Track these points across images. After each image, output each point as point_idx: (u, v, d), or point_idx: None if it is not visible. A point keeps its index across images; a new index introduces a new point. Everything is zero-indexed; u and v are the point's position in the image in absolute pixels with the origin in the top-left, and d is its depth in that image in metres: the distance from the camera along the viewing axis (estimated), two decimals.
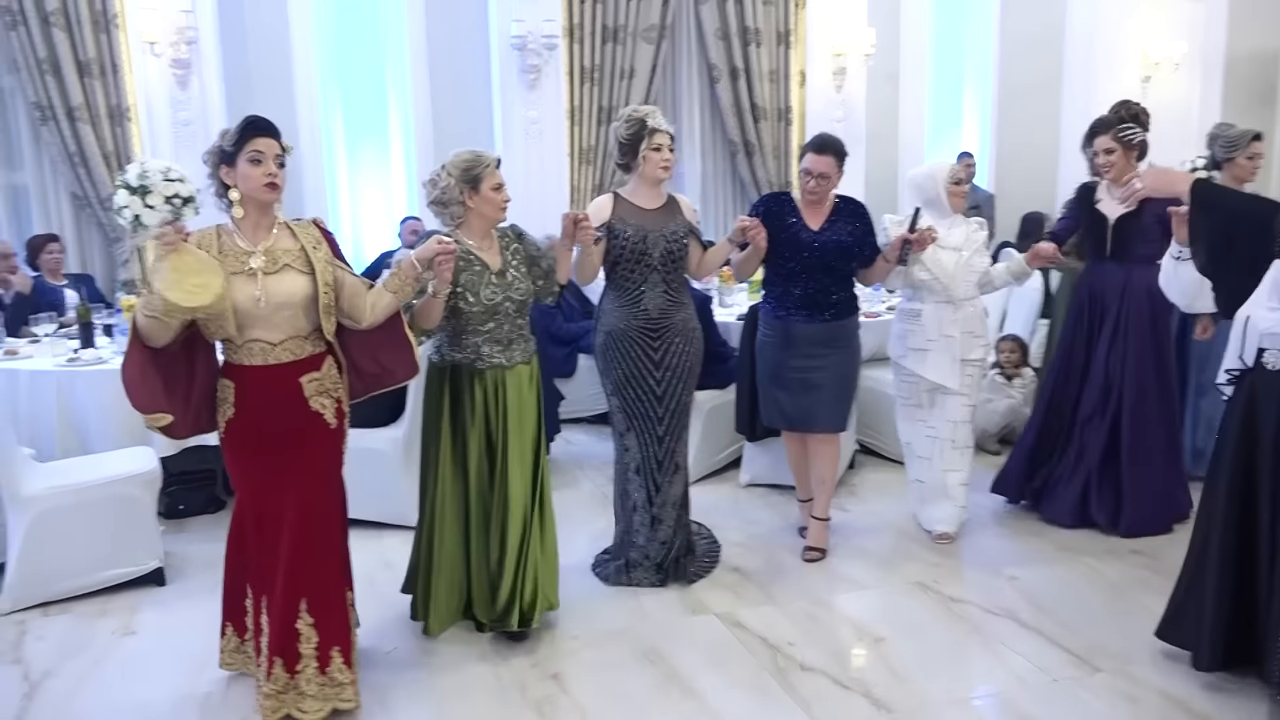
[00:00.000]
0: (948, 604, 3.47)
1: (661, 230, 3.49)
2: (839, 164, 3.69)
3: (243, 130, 2.58)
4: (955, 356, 3.87)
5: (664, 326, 3.52)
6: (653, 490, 3.61)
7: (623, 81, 7.19)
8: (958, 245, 3.89)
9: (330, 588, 2.76)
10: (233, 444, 2.70)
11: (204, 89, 6.34)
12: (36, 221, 6.35)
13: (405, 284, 2.80)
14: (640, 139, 3.46)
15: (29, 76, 6.08)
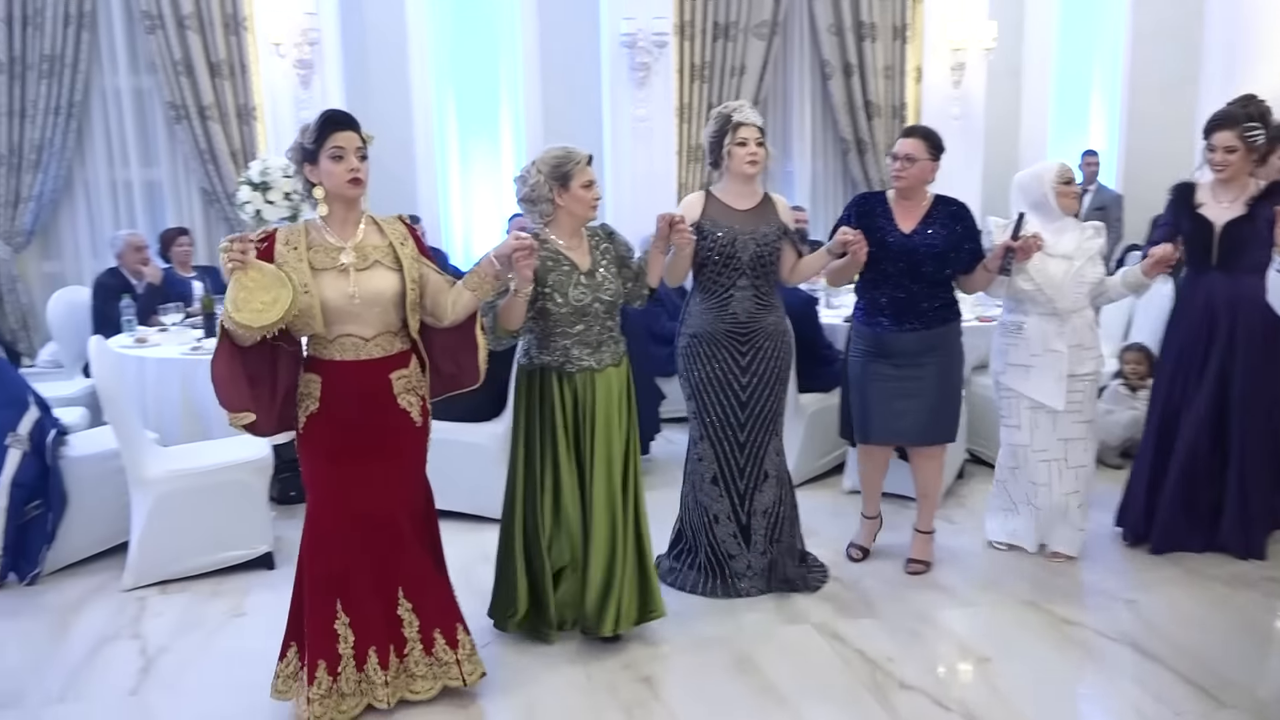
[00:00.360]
0: (1060, 626, 3.30)
1: (752, 232, 3.36)
2: (929, 149, 3.48)
3: (321, 126, 2.54)
4: (1061, 373, 3.62)
5: (753, 330, 3.40)
6: (736, 501, 3.49)
7: (733, 79, 7.12)
8: (1067, 253, 3.62)
9: (425, 576, 2.78)
10: (314, 440, 2.65)
11: (325, 88, 6.55)
12: (170, 215, 6.66)
13: (484, 282, 2.73)
14: (724, 134, 3.34)
15: (165, 77, 6.40)
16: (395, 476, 2.71)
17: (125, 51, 6.51)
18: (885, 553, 3.88)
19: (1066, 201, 3.66)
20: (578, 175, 3.02)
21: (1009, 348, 3.72)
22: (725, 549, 3.53)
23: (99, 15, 6.40)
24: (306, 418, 2.64)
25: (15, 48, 6.22)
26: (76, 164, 6.56)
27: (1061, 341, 3.62)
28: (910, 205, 3.55)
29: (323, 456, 2.65)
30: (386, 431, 2.67)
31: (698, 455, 3.51)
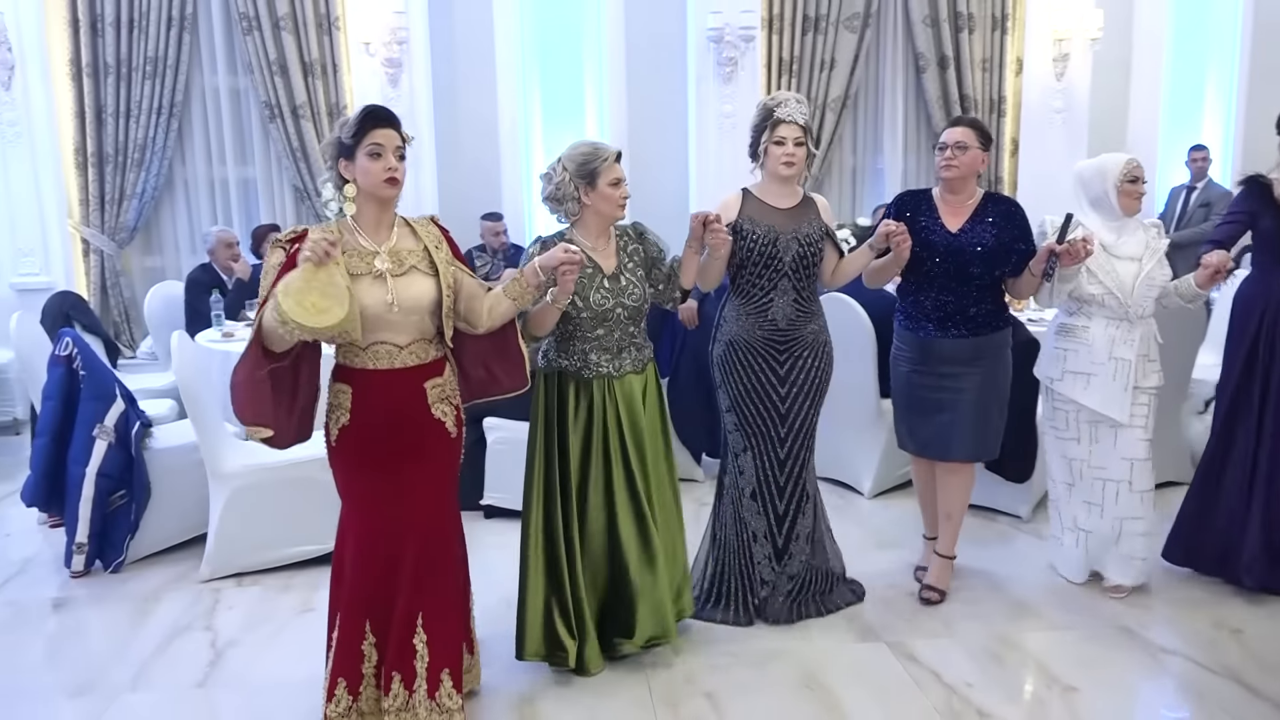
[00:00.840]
0: (1156, 655, 3.09)
1: (795, 232, 3.16)
2: (979, 138, 3.27)
3: (361, 121, 2.42)
4: (1127, 383, 3.35)
5: (793, 339, 3.21)
6: (773, 519, 3.29)
7: (822, 73, 6.95)
8: (1134, 254, 3.36)
9: (446, 605, 2.63)
10: (347, 454, 2.52)
11: (413, 86, 6.61)
12: (263, 212, 6.84)
13: (526, 291, 2.64)
14: (764, 129, 3.15)
15: (260, 78, 6.56)
16: (431, 488, 2.59)
17: (224, 52, 6.70)
18: (965, 570, 3.70)
19: (1128, 202, 3.37)
20: (605, 173, 2.87)
21: (1067, 353, 3.44)
22: (760, 573, 3.32)
23: (199, 18, 6.60)
24: (339, 430, 2.51)
25: (122, 50, 6.46)
26: (177, 162, 6.79)
27: (1130, 349, 3.35)
28: (957, 201, 3.33)
29: (356, 469, 2.54)
30: (422, 442, 2.55)
31: (739, 469, 3.30)
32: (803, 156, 3.15)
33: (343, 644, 2.56)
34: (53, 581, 3.78)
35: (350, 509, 2.59)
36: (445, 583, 2.64)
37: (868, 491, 4.58)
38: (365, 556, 2.54)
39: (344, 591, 2.58)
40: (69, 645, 3.31)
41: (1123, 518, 3.42)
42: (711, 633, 3.25)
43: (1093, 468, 3.45)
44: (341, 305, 2.29)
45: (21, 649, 3.31)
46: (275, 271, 2.39)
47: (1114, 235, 3.38)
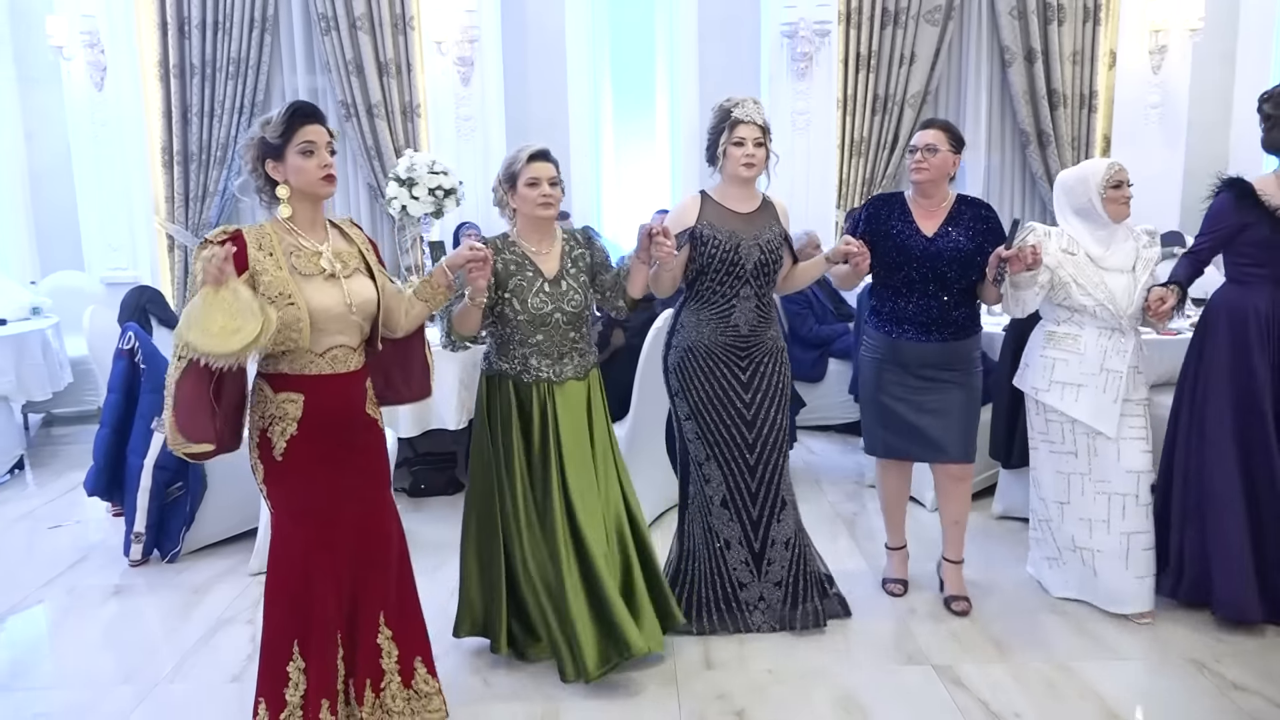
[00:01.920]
0: (1230, 693, 2.86)
1: (756, 238, 3.09)
2: (950, 140, 3.21)
3: (290, 118, 2.29)
4: (1118, 396, 3.21)
5: (754, 345, 3.14)
6: (749, 526, 3.20)
7: (902, 68, 6.73)
8: (1124, 266, 3.23)
9: (405, 597, 2.58)
10: (297, 466, 2.36)
11: (484, 85, 6.64)
12: (339, 209, 6.95)
13: (436, 292, 2.60)
14: (722, 131, 3.08)
15: (337, 77, 6.67)
16: (374, 486, 2.52)
17: (303, 53, 6.83)
18: (1025, 591, 3.51)
19: (1115, 208, 3.21)
20: (522, 174, 2.86)
21: (1056, 362, 3.30)
22: (737, 578, 3.23)
23: (280, 19, 6.74)
24: (286, 442, 2.34)
25: (207, 51, 6.64)
26: None
27: (1122, 361, 3.22)
28: (931, 205, 3.26)
29: (306, 480, 2.38)
30: (364, 441, 2.49)
31: (704, 478, 3.20)
32: (762, 157, 3.08)
33: (317, 666, 2.40)
34: (114, 569, 3.89)
35: (297, 520, 2.40)
36: (402, 574, 2.59)
37: (930, 504, 4.39)
38: (324, 570, 2.40)
39: (309, 613, 2.39)
40: (122, 632, 3.39)
41: (1129, 533, 3.26)
42: (753, 648, 3.15)
43: (1094, 481, 3.29)
44: (254, 319, 2.14)
45: (79, 633, 3.41)
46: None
47: (1102, 247, 3.24)
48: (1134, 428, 3.25)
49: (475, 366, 4.46)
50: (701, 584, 3.25)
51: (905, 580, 3.58)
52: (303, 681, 2.39)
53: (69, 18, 6.36)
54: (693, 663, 3.07)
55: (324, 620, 2.41)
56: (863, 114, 6.75)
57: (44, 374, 5.33)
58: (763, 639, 3.21)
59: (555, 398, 2.92)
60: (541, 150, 2.90)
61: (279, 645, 2.40)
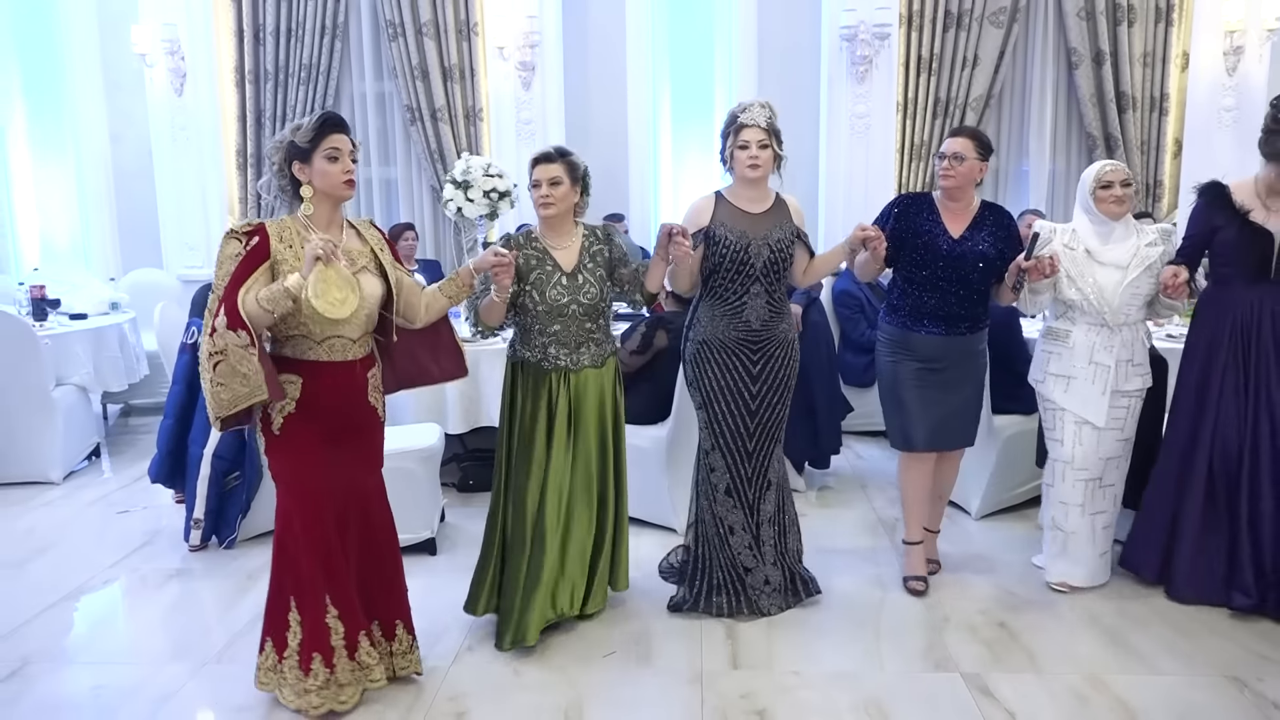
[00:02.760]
0: (1269, 712, 2.78)
1: (765, 237, 3.24)
2: (978, 148, 3.36)
3: (320, 126, 2.55)
4: (1106, 388, 3.40)
5: (766, 338, 3.30)
6: (747, 511, 3.39)
7: (964, 71, 6.65)
8: (1120, 261, 3.38)
9: (390, 571, 2.88)
10: (292, 441, 2.63)
11: (544, 90, 6.76)
12: (401, 211, 7.14)
13: (461, 290, 2.89)
14: (728, 135, 3.24)
15: (403, 82, 6.85)
16: (368, 468, 2.80)
17: (371, 59, 7.03)
18: (1063, 600, 3.46)
19: (1105, 207, 3.39)
20: (531, 177, 3.11)
21: (1051, 356, 3.51)
22: (742, 562, 3.40)
23: (350, 26, 6.95)
24: (284, 419, 2.63)
25: (280, 58, 6.88)
26: None
27: (1109, 355, 3.40)
28: (958, 209, 3.43)
29: (300, 455, 2.65)
30: (362, 426, 2.74)
31: (709, 466, 3.39)
32: (767, 159, 3.22)
33: (310, 622, 2.69)
34: (175, 553, 4.08)
35: (291, 494, 2.68)
36: (388, 550, 2.87)
37: (975, 512, 4.35)
38: (313, 537, 2.66)
39: (299, 574, 2.69)
40: (178, 613, 3.56)
41: (1094, 513, 3.51)
42: (781, 649, 3.18)
43: (1076, 469, 3.48)
44: (355, 291, 2.52)
45: (139, 612, 3.60)
46: (231, 261, 2.51)
47: (1100, 241, 3.42)
48: (1116, 418, 3.44)
49: None
50: (715, 568, 3.41)
51: (926, 577, 3.63)
52: (299, 632, 2.71)
53: (152, 27, 6.66)
54: (720, 662, 3.10)
55: (312, 582, 2.68)
56: (923, 118, 6.69)
57: (120, 366, 5.59)
58: (793, 640, 3.23)
59: (572, 384, 3.14)
60: (545, 153, 3.12)
61: (280, 596, 2.73)
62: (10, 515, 4.58)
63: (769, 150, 3.21)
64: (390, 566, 2.91)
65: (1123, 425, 3.47)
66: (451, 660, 3.12)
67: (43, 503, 4.79)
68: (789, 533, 3.48)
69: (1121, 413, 3.45)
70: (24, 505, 4.73)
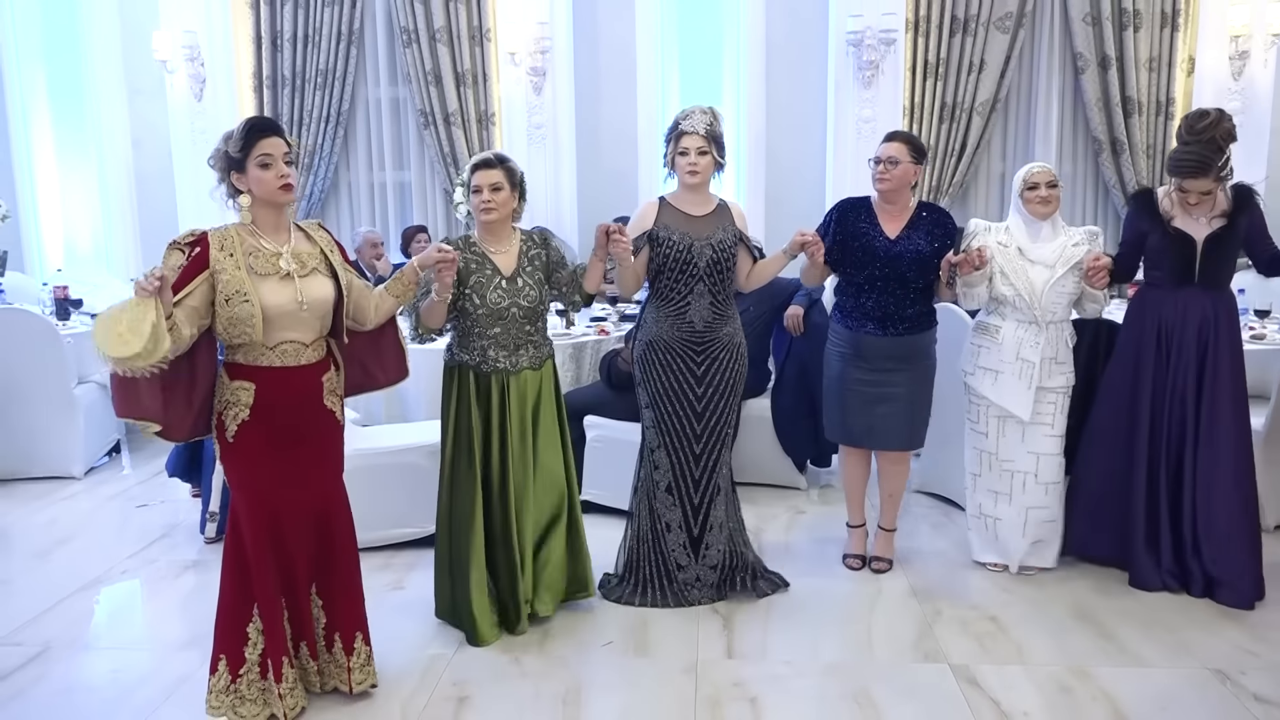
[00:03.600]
0: (1249, 704, 2.84)
1: (709, 238, 3.35)
2: (911, 152, 3.51)
3: (247, 133, 2.49)
4: (1031, 383, 3.53)
5: (709, 340, 3.38)
6: (689, 511, 3.46)
7: (970, 75, 6.70)
8: (1048, 261, 3.53)
9: (345, 577, 2.82)
10: (247, 448, 2.60)
11: (555, 94, 6.86)
12: (415, 214, 7.26)
13: (407, 289, 2.88)
14: (669, 142, 3.37)
15: (417, 87, 6.96)
16: (325, 472, 2.76)
17: (385, 64, 7.15)
18: (1055, 596, 3.53)
19: (1031, 207, 3.56)
20: (471, 182, 3.15)
21: (980, 350, 3.65)
22: (675, 559, 3.49)
23: (365, 32, 7.08)
24: (238, 426, 2.59)
25: (297, 64, 7.02)
26: (342, 167, 7.31)
27: (1035, 352, 3.54)
28: (894, 211, 3.56)
29: (255, 462, 2.62)
30: (317, 431, 2.71)
31: (654, 464, 3.47)
32: (706, 165, 3.33)
33: (270, 628, 2.67)
34: (191, 546, 4.21)
35: (246, 499, 2.65)
36: (345, 557, 2.82)
37: None
38: (264, 543, 2.64)
39: (254, 579, 2.65)
40: (193, 602, 3.67)
41: (1029, 507, 3.65)
42: (777, 641, 3.26)
43: (1000, 460, 3.66)
44: (140, 341, 2.29)
45: (157, 602, 3.73)
46: (174, 274, 2.45)
47: (1030, 239, 3.57)
48: (1042, 414, 3.57)
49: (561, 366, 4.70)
50: (645, 563, 3.52)
51: (863, 555, 3.86)
52: (260, 641, 2.68)
53: (173, 34, 6.81)
54: (716, 651, 3.20)
55: (268, 587, 2.66)
56: (930, 122, 6.74)
57: None
58: (788, 631, 3.32)
59: (510, 386, 3.17)
60: (485, 159, 3.17)
61: (237, 606, 2.68)
62: (33, 508, 4.73)
63: (708, 157, 3.31)
64: (348, 575, 2.85)
65: (1052, 421, 3.58)
66: (455, 649, 3.23)
67: (64, 496, 4.93)
68: (736, 537, 3.57)
69: (1049, 409, 3.57)
70: (46, 499, 4.88)
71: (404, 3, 6.85)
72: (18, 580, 3.91)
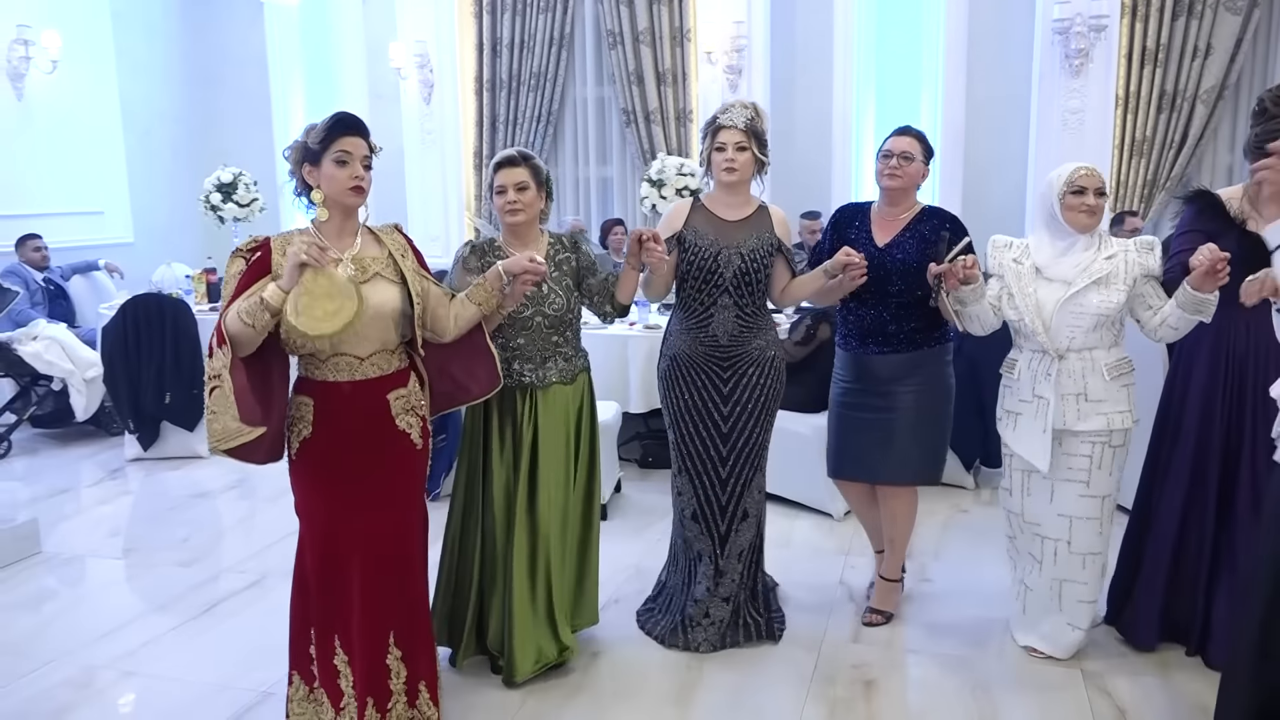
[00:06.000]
0: None
1: (738, 246, 3.02)
2: (923, 150, 3.11)
3: (330, 128, 2.37)
4: (1047, 426, 2.89)
5: (735, 355, 3.07)
6: (716, 540, 3.16)
7: (1194, 61, 6.30)
8: (1066, 277, 2.87)
9: (416, 618, 2.59)
10: (308, 467, 2.45)
11: (750, 91, 7.02)
12: (615, 207, 7.66)
13: (490, 296, 2.62)
14: (706, 138, 3.05)
15: (620, 87, 7.35)
16: (394, 500, 2.52)
17: (593, 66, 7.59)
18: None
19: (1073, 216, 2.86)
20: (495, 182, 2.90)
21: (1006, 391, 3.07)
22: (694, 591, 3.21)
23: (575, 36, 7.54)
24: (300, 443, 2.45)
25: (514, 67, 7.59)
26: (551, 163, 7.80)
27: (1049, 387, 2.89)
28: (893, 214, 3.16)
29: (317, 482, 2.47)
30: (385, 454, 2.48)
31: (677, 490, 3.22)
32: (745, 162, 3.00)
33: (322, 660, 2.54)
34: None
35: (310, 523, 2.50)
36: (413, 593, 2.59)
37: None
38: (326, 574, 2.49)
39: (312, 605, 2.52)
40: None
41: (1061, 579, 3.01)
42: (903, 633, 3.32)
43: (1027, 522, 3.06)
44: (351, 299, 2.28)
45: None
46: (235, 279, 2.39)
47: (1055, 255, 2.92)
48: (1073, 468, 2.93)
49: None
50: (674, 592, 3.30)
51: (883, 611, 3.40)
52: (317, 665, 2.56)
53: (407, 44, 7.54)
54: (842, 635, 3.30)
55: (323, 619, 2.51)
56: (1145, 112, 6.39)
57: None
58: (922, 624, 3.36)
59: (539, 402, 2.92)
60: (509, 157, 2.89)
61: (300, 629, 2.57)
62: None
63: (747, 153, 2.99)
64: (407, 609, 2.57)
65: (1087, 479, 2.91)
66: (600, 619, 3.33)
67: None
68: (753, 569, 3.25)
69: (1083, 462, 2.91)
70: None
71: (611, 7, 7.24)
72: (253, 519, 4.59)
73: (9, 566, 3.97)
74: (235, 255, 2.44)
